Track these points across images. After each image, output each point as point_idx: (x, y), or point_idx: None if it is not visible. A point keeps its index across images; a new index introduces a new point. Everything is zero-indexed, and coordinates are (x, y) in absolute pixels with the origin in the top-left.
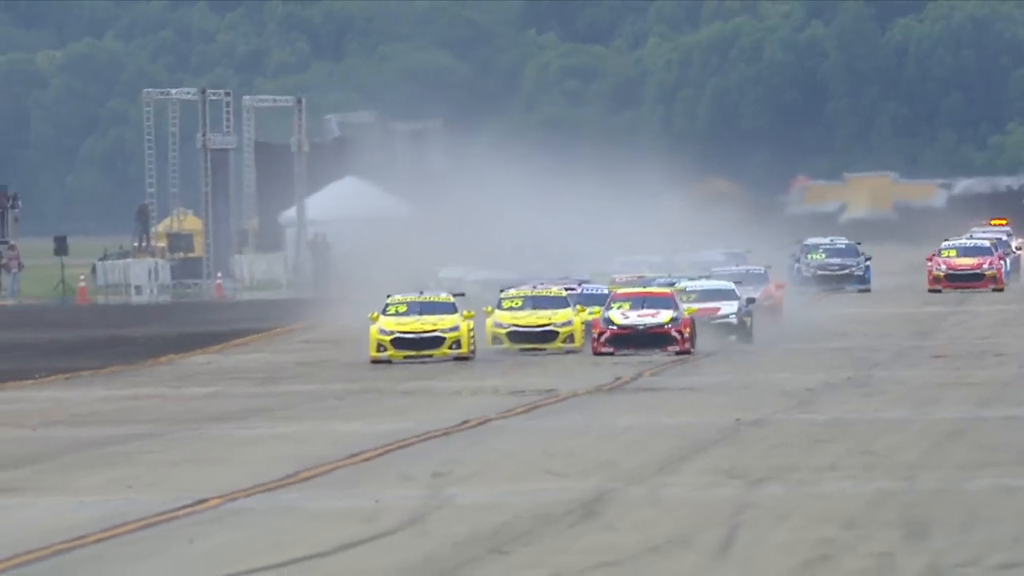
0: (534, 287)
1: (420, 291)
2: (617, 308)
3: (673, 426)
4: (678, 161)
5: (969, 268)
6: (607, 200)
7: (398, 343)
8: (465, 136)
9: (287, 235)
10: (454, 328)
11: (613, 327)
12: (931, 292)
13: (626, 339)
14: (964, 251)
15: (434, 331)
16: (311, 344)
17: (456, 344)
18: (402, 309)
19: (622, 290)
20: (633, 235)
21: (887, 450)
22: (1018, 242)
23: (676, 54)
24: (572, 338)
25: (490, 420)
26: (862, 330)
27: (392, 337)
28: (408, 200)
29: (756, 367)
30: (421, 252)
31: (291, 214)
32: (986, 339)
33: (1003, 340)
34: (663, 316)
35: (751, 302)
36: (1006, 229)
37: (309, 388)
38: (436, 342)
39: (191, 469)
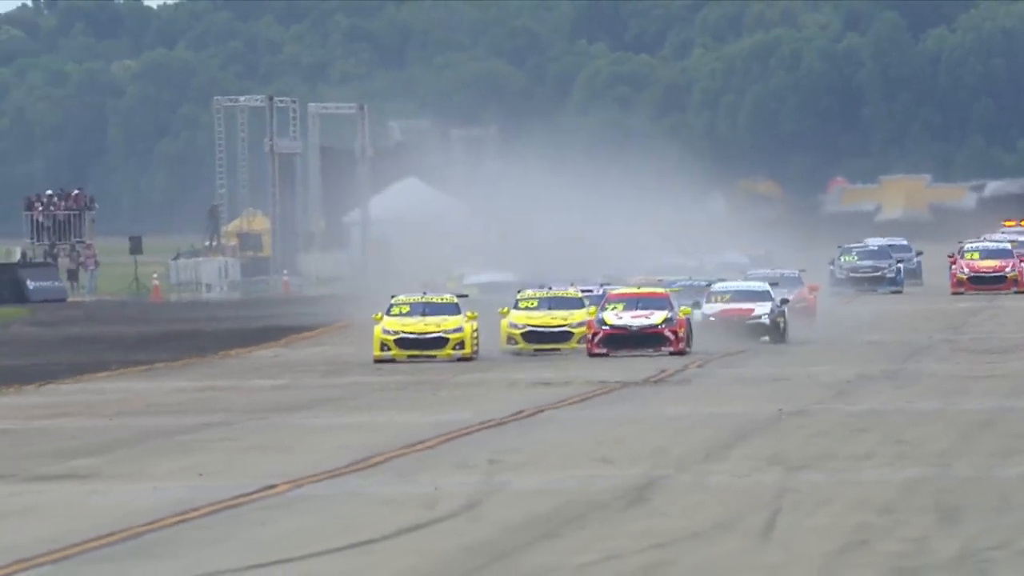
0: (548, 288)
1: (424, 292)
2: (611, 309)
3: (717, 416)
4: (722, 163)
5: (992, 270)
6: (650, 203)
7: (402, 343)
8: (518, 141)
9: (351, 234)
10: (458, 329)
11: (606, 328)
12: (954, 294)
13: (620, 339)
14: (987, 253)
15: (438, 332)
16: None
17: (460, 345)
18: (405, 310)
19: (618, 291)
20: (674, 237)
21: (920, 439)
22: None
23: (719, 63)
24: None
25: (543, 410)
26: (896, 326)
27: (396, 337)
28: (464, 202)
29: (796, 361)
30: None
31: (355, 215)
32: (1015, 334)
33: None
34: (657, 317)
35: (784, 303)
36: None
37: (370, 380)
38: (439, 342)
39: (260, 457)
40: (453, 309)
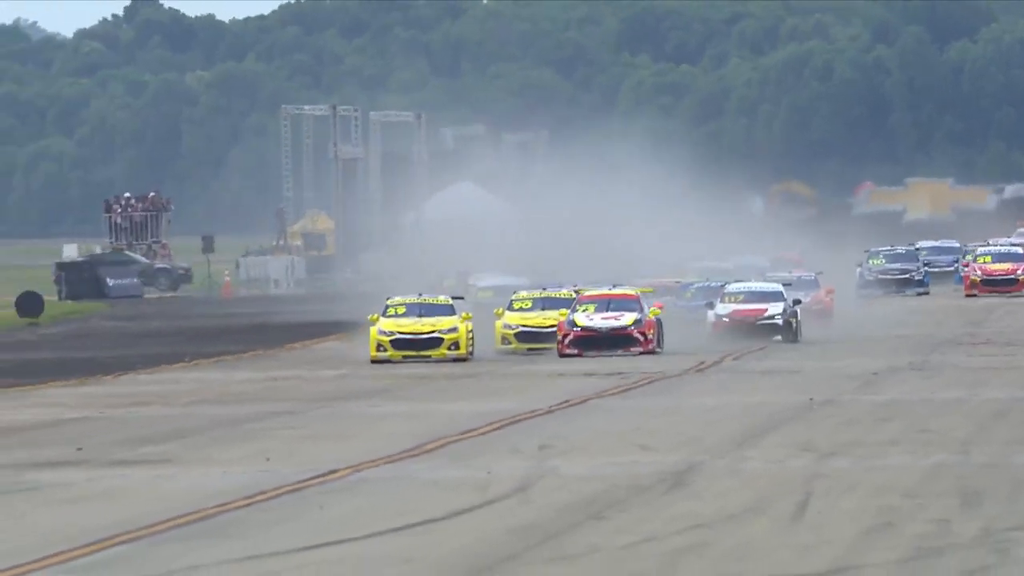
0: (542, 289)
1: (419, 293)
2: (583, 311)
3: (752, 405)
4: (758, 167)
5: (1004, 273)
6: (690, 208)
7: (397, 344)
8: (567, 147)
9: (405, 234)
10: (452, 329)
11: (577, 329)
12: (968, 296)
13: (590, 341)
14: (999, 257)
15: (433, 332)
16: None
17: (455, 345)
18: (401, 311)
19: (589, 292)
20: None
21: (943, 427)
22: None
23: (755, 73)
24: None
25: (589, 400)
26: (919, 320)
27: (392, 338)
28: (515, 204)
29: (825, 354)
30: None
31: (412, 216)
32: None
33: None
34: (627, 318)
35: (797, 303)
36: None
37: (423, 371)
38: (434, 343)
39: (322, 443)
40: (448, 310)
